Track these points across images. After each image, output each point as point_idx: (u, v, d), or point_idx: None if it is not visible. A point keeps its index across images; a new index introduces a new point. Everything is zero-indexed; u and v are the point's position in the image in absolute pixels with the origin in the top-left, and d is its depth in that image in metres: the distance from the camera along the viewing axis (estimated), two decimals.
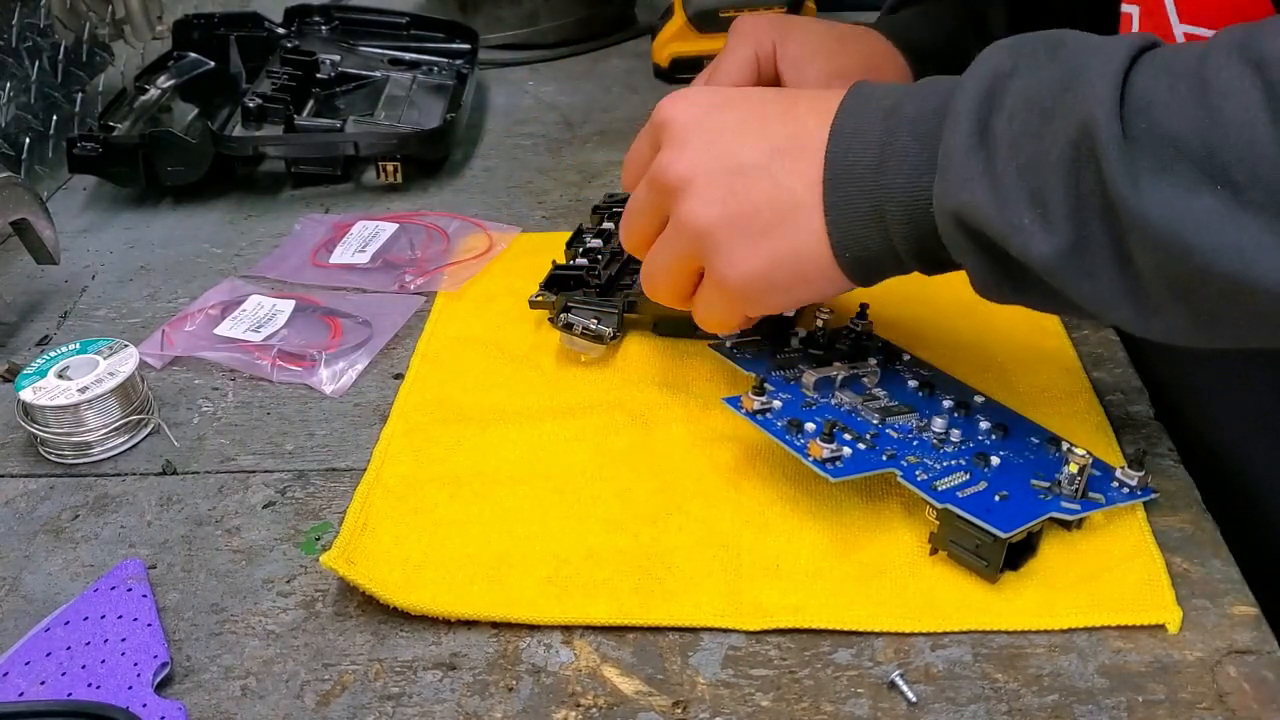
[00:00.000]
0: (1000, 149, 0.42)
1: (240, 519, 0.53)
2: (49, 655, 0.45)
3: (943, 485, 0.47)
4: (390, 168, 0.80)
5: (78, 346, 0.59)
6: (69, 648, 0.45)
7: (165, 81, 0.90)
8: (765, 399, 0.50)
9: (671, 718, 0.42)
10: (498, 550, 0.49)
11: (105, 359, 0.58)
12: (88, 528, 0.53)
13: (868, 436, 0.50)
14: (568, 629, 0.46)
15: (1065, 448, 0.49)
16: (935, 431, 0.50)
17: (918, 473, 0.48)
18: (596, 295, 0.61)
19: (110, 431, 0.57)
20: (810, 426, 0.49)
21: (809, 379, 0.53)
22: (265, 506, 0.53)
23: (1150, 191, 0.38)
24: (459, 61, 0.94)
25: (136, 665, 0.44)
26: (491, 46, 1.02)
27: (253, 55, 0.92)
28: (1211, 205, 0.37)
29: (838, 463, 0.47)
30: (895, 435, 0.50)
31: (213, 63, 0.93)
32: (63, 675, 0.44)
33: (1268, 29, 0.38)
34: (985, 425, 0.51)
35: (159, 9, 1.01)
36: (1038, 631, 0.44)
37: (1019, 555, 0.46)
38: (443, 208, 0.78)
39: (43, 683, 0.44)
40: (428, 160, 0.83)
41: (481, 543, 0.49)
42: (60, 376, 0.57)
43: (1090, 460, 0.47)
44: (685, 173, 0.48)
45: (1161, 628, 0.44)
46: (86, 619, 0.46)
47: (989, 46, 0.45)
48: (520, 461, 0.54)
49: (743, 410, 0.50)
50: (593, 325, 0.59)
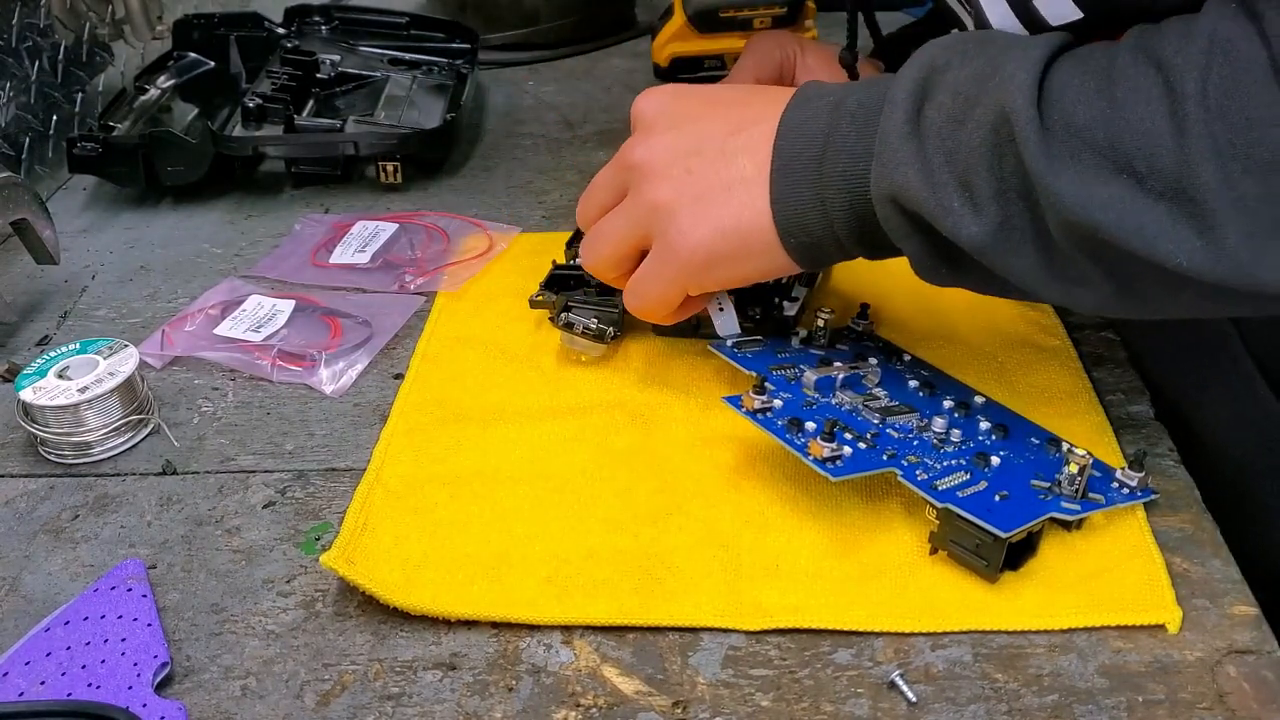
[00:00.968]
0: (930, 135, 0.45)
1: (240, 519, 0.53)
2: (49, 655, 0.45)
3: (943, 485, 0.47)
4: (390, 168, 0.80)
5: (78, 346, 0.59)
6: (69, 648, 0.45)
7: (165, 81, 0.90)
8: (766, 398, 0.50)
9: (671, 718, 0.42)
10: (498, 550, 0.49)
11: (105, 359, 0.58)
12: (88, 528, 0.53)
13: (868, 436, 0.50)
14: (568, 629, 0.46)
15: (1065, 448, 0.49)
16: (935, 431, 0.50)
17: (918, 472, 0.48)
18: (597, 295, 0.61)
19: (110, 431, 0.57)
20: (811, 426, 0.49)
21: (810, 378, 0.53)
22: (265, 506, 0.53)
23: (1063, 176, 0.41)
24: (459, 61, 0.94)
25: (136, 665, 0.44)
26: (491, 46, 1.02)
27: (253, 55, 0.92)
28: (1117, 192, 0.40)
29: (838, 462, 0.47)
30: (896, 435, 0.50)
31: (213, 63, 0.93)
32: (63, 675, 0.44)
33: (1169, 32, 0.41)
34: (985, 425, 0.51)
35: (159, 9, 1.01)
36: (1038, 631, 0.44)
37: (1019, 555, 0.46)
38: (443, 208, 0.78)
39: (43, 683, 0.44)
40: (428, 160, 0.83)
41: (481, 543, 0.49)
42: (60, 376, 0.57)
43: (1090, 460, 0.47)
44: (646, 154, 0.52)
45: (1161, 628, 0.44)
46: (86, 619, 0.46)
47: (926, 43, 0.47)
48: (520, 461, 0.54)
49: (743, 409, 0.50)
50: (593, 325, 0.59)
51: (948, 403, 0.53)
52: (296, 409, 0.60)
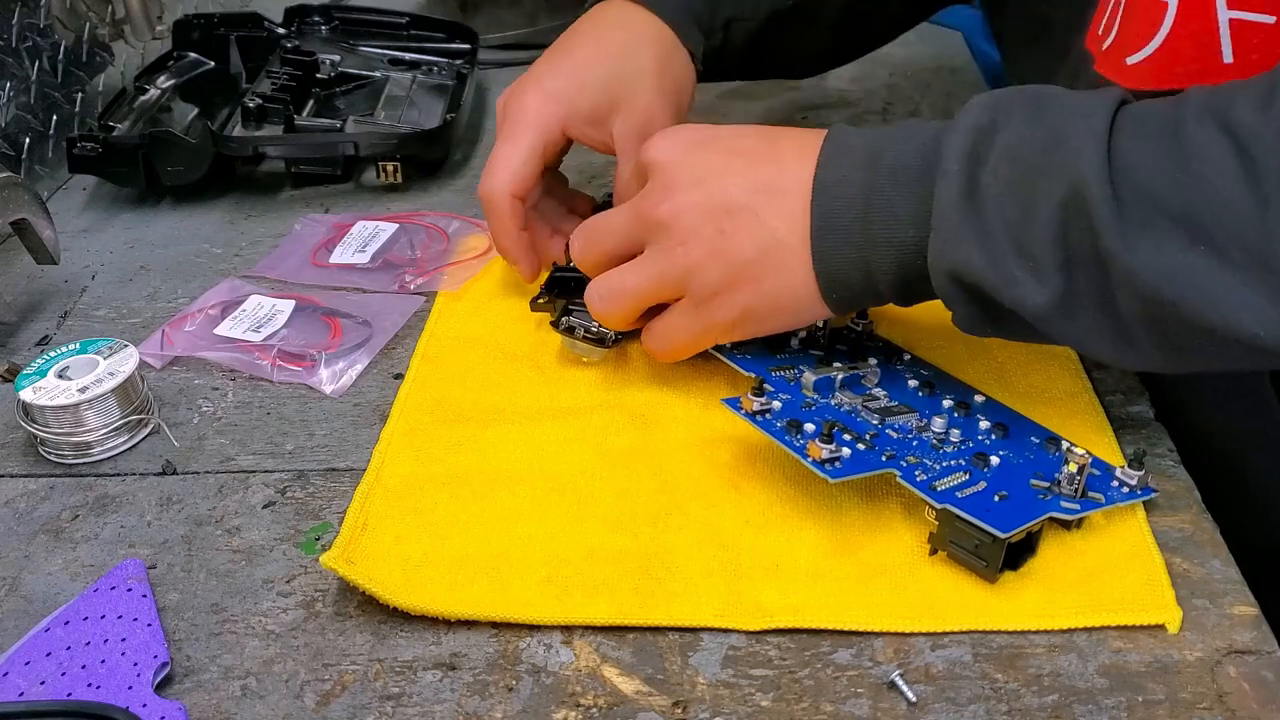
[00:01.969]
0: (988, 204, 0.44)
1: (240, 519, 0.53)
2: (49, 655, 0.45)
3: (942, 485, 0.47)
4: (390, 168, 0.80)
5: (78, 346, 0.59)
6: (69, 648, 0.45)
7: (165, 81, 0.90)
8: (765, 400, 0.50)
9: (671, 718, 0.42)
10: (498, 550, 0.49)
11: (105, 359, 0.58)
12: (88, 528, 0.53)
13: (867, 437, 0.50)
14: (568, 629, 0.46)
15: (1065, 447, 0.49)
16: (935, 431, 0.50)
17: (917, 473, 0.48)
18: None
19: (110, 431, 0.57)
20: (810, 427, 0.49)
21: (809, 379, 0.53)
22: (265, 506, 0.53)
23: (1139, 249, 0.41)
24: (459, 61, 0.94)
25: (136, 665, 0.44)
26: (491, 46, 1.02)
27: (253, 55, 0.92)
28: (1195, 262, 0.40)
29: (836, 463, 0.47)
30: (895, 435, 0.50)
31: (213, 63, 0.93)
32: (63, 675, 0.44)
33: (1237, 96, 0.41)
34: (985, 425, 0.51)
35: (159, 9, 1.01)
36: (1038, 631, 0.44)
37: (1019, 555, 0.46)
38: (443, 208, 0.78)
39: (43, 683, 0.44)
40: (428, 160, 0.82)
41: (481, 543, 0.49)
42: (60, 376, 0.57)
43: (1090, 460, 0.47)
44: (673, 213, 0.51)
45: (1161, 628, 0.44)
46: (86, 619, 0.46)
47: (969, 103, 0.47)
48: (520, 461, 0.54)
49: (742, 411, 0.50)
50: (595, 328, 0.59)
51: (947, 402, 0.53)
52: (296, 409, 0.60)
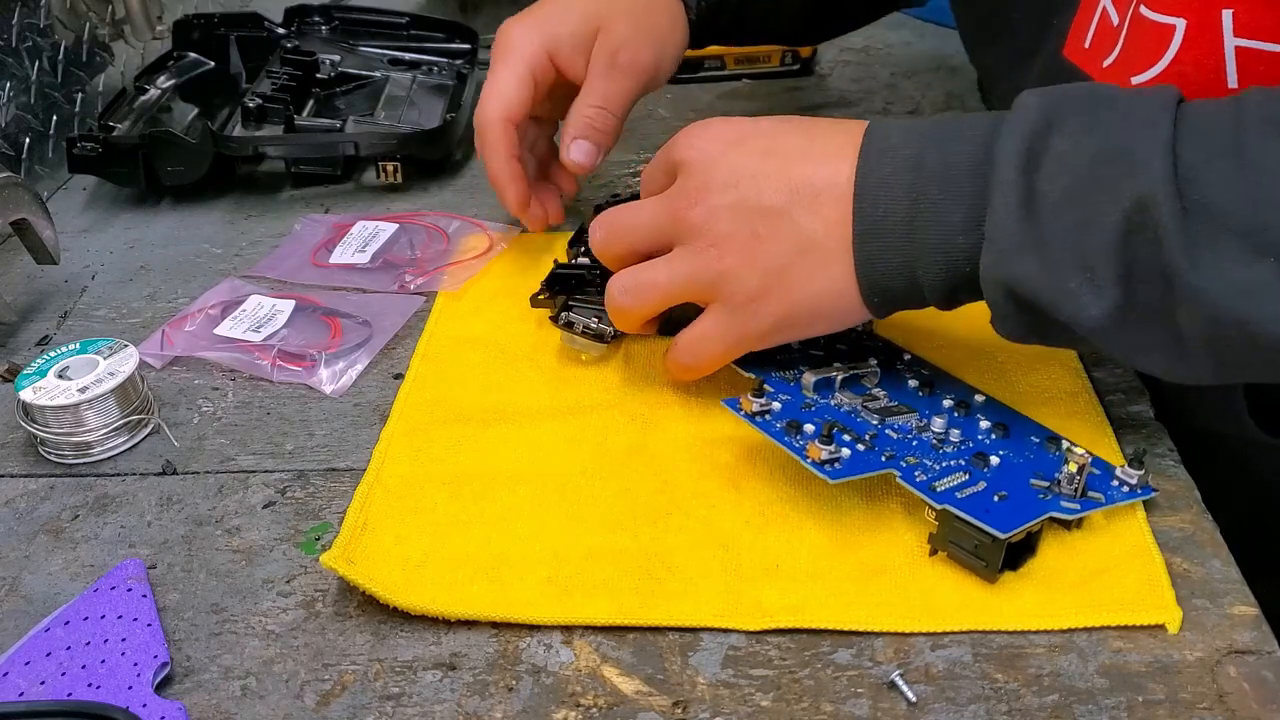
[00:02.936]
0: (1044, 212, 0.43)
1: (240, 519, 0.53)
2: (49, 655, 0.45)
3: (941, 486, 0.47)
4: (390, 168, 0.80)
5: (78, 346, 0.59)
6: (69, 648, 0.45)
7: (165, 81, 0.90)
8: (764, 401, 0.50)
9: (671, 718, 0.42)
10: (498, 550, 0.49)
11: (105, 359, 0.58)
12: (88, 528, 0.53)
13: (867, 437, 0.50)
14: (568, 629, 0.46)
15: (1065, 446, 0.49)
16: (935, 431, 0.50)
17: (917, 473, 0.48)
18: (597, 294, 0.61)
19: (110, 431, 0.57)
20: (809, 428, 0.49)
21: (809, 380, 0.53)
22: (265, 506, 0.53)
23: (1206, 264, 0.40)
24: (459, 61, 0.94)
25: (136, 665, 0.44)
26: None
27: (253, 55, 0.92)
28: (1263, 276, 0.39)
29: (836, 464, 0.47)
30: (894, 436, 0.50)
31: (213, 63, 0.93)
32: (63, 675, 0.44)
33: None
34: (985, 425, 0.51)
35: (159, 9, 1.01)
36: (1038, 631, 0.44)
37: (1019, 555, 0.46)
38: (443, 208, 0.78)
39: (43, 683, 0.44)
40: (428, 160, 0.82)
41: (481, 543, 0.49)
42: (60, 376, 0.57)
43: (1090, 459, 0.47)
44: (706, 214, 0.50)
45: (1161, 628, 0.44)
46: (86, 619, 0.46)
47: (1019, 101, 0.45)
48: (520, 461, 0.54)
49: (741, 412, 0.50)
50: (594, 324, 0.59)
51: (947, 402, 0.53)
52: (296, 409, 0.60)
